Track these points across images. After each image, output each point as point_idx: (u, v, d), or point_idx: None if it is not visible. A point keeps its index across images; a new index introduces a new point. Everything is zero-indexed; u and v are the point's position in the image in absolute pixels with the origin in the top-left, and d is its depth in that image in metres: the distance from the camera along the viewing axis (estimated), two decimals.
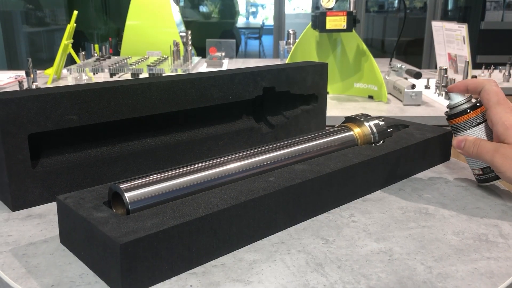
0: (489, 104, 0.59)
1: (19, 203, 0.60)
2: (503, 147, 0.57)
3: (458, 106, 0.63)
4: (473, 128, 0.62)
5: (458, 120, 0.63)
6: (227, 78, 0.74)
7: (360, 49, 1.56)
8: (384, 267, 0.48)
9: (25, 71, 1.54)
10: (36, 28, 4.17)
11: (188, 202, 0.50)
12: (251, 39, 6.09)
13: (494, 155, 0.58)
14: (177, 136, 0.73)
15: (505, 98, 0.59)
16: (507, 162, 0.57)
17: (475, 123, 0.62)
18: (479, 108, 0.62)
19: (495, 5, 3.98)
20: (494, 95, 0.59)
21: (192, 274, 0.47)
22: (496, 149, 0.58)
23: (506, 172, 0.57)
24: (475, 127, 0.62)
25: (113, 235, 0.43)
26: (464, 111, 0.62)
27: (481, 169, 0.63)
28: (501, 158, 0.57)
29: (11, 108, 0.57)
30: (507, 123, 0.57)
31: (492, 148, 0.58)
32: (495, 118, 0.58)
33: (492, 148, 0.58)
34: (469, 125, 0.62)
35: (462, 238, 0.53)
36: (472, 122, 0.62)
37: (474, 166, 0.64)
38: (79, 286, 0.44)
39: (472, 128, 0.62)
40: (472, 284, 0.45)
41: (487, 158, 0.59)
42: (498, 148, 0.57)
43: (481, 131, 0.62)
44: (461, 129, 0.63)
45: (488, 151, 0.58)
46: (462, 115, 0.62)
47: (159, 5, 2.22)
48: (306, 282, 0.45)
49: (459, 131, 0.63)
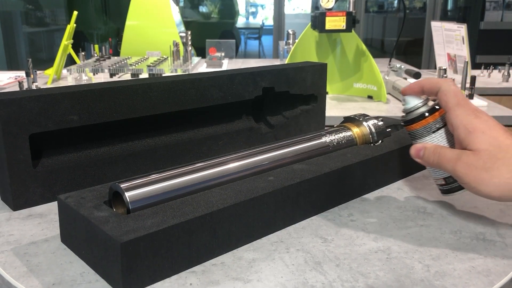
0: (448, 106, 0.53)
1: (20, 203, 0.61)
2: (465, 154, 0.50)
3: (414, 111, 0.56)
4: (432, 134, 0.55)
5: (415, 126, 0.56)
6: (227, 78, 0.74)
7: (359, 49, 1.56)
8: (382, 266, 0.48)
9: (25, 72, 1.54)
10: (36, 29, 4.18)
11: (188, 202, 0.50)
12: (250, 39, 6.09)
13: (456, 164, 0.51)
14: (177, 136, 0.73)
15: (465, 98, 0.53)
16: (471, 172, 0.49)
17: (434, 128, 0.55)
18: (437, 112, 0.55)
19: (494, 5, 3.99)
20: (453, 96, 0.53)
21: (192, 272, 0.47)
22: (458, 157, 0.51)
23: (470, 182, 0.50)
24: (434, 133, 0.55)
25: (114, 234, 0.43)
26: (421, 116, 0.55)
27: (443, 178, 0.56)
28: (464, 167, 0.50)
29: (12, 109, 0.57)
30: (469, 126, 0.51)
31: (454, 156, 0.51)
32: (456, 121, 0.52)
33: (454, 156, 0.51)
34: (428, 131, 0.55)
35: (459, 237, 0.54)
36: (431, 128, 0.55)
37: (436, 176, 0.57)
38: (80, 284, 0.45)
39: (431, 134, 0.55)
40: (469, 282, 0.45)
41: (449, 168, 0.52)
42: (461, 156, 0.51)
43: (441, 137, 0.55)
44: (419, 136, 0.56)
45: (449, 159, 0.51)
46: (419, 120, 0.56)
47: (159, 5, 2.22)
48: (305, 280, 0.46)
49: (417, 138, 0.57)
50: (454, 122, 0.52)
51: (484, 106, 1.49)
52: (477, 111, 0.52)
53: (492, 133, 0.50)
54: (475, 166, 0.49)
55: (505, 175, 0.48)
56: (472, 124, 0.50)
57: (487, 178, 0.49)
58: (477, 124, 0.50)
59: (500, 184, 0.48)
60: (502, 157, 0.48)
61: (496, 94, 1.85)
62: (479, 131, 0.50)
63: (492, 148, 0.49)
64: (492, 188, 0.49)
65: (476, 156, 0.49)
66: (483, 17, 3.98)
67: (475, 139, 0.50)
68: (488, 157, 0.49)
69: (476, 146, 0.50)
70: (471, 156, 0.50)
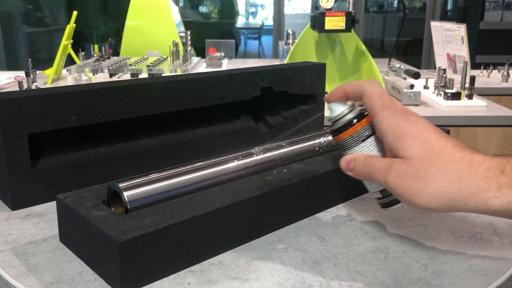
0: (374, 110, 0.47)
1: (19, 202, 0.61)
2: (396, 163, 0.45)
3: (340, 119, 0.50)
4: (362, 143, 0.49)
5: (343, 136, 0.50)
6: (226, 78, 0.74)
7: (359, 49, 1.56)
8: (380, 265, 0.48)
9: (24, 72, 1.54)
10: (36, 29, 4.17)
11: (186, 201, 0.50)
12: (250, 39, 6.09)
13: (387, 174, 0.45)
14: (176, 136, 0.73)
15: (392, 99, 0.47)
16: (404, 182, 0.44)
17: (363, 136, 0.49)
18: (365, 118, 0.49)
19: (494, 5, 3.99)
20: (378, 98, 0.47)
21: (190, 272, 0.47)
22: (389, 167, 0.45)
23: (405, 194, 0.44)
24: (364, 142, 0.49)
25: (112, 234, 0.43)
26: (348, 124, 0.49)
27: (379, 191, 0.50)
28: (395, 177, 0.44)
29: (11, 108, 0.57)
30: (398, 131, 0.45)
31: (384, 166, 0.45)
32: (383, 126, 0.46)
33: (384, 166, 0.45)
34: (357, 140, 0.49)
35: (457, 237, 0.54)
36: (360, 136, 0.49)
37: (372, 189, 0.51)
38: (78, 283, 0.45)
39: (360, 143, 0.49)
40: (466, 281, 0.46)
41: (380, 179, 0.46)
42: (391, 165, 0.45)
43: (372, 145, 0.49)
44: (348, 147, 0.50)
45: (380, 170, 0.46)
46: (346, 128, 0.49)
47: (158, 5, 2.22)
48: (302, 279, 0.46)
49: (347, 149, 0.50)
50: (381, 127, 0.46)
51: (484, 106, 1.49)
52: (405, 113, 0.46)
53: (424, 136, 0.44)
54: (408, 175, 0.43)
55: (441, 183, 0.42)
56: (401, 128, 0.45)
57: (422, 188, 0.43)
58: (406, 127, 0.45)
59: (436, 194, 0.42)
60: (435, 162, 0.43)
61: (496, 94, 1.85)
62: (409, 136, 0.44)
63: (425, 154, 0.43)
64: (429, 199, 0.43)
65: (407, 164, 0.44)
66: (482, 17, 3.98)
67: (406, 145, 0.44)
68: (421, 164, 0.43)
69: (407, 153, 0.44)
70: (402, 164, 0.44)
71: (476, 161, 0.42)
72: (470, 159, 0.43)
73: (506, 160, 0.42)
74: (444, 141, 0.44)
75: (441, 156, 0.43)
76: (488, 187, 0.41)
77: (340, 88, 0.50)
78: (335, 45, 1.61)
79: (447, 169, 0.42)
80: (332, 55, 1.62)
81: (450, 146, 0.43)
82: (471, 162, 0.42)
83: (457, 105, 1.48)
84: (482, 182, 0.42)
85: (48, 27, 4.22)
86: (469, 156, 0.43)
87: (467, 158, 0.43)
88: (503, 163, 0.42)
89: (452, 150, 0.43)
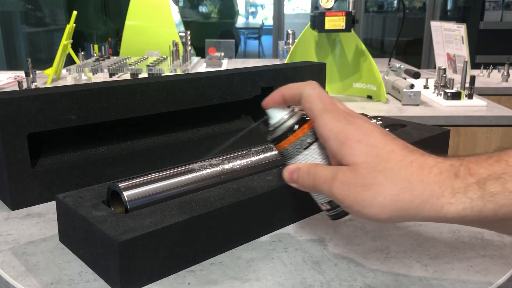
0: (313, 114, 0.43)
1: (19, 202, 0.61)
2: (341, 171, 0.41)
3: (279, 126, 0.45)
4: (305, 151, 0.45)
5: (284, 144, 0.45)
6: (226, 78, 0.74)
7: (359, 49, 1.56)
8: (381, 265, 0.48)
9: (24, 71, 1.54)
10: (36, 28, 4.18)
11: (186, 201, 0.50)
12: (250, 39, 6.09)
13: (332, 184, 0.41)
14: (175, 135, 0.73)
15: (333, 101, 0.43)
16: (350, 192, 0.40)
17: (305, 144, 0.45)
18: (307, 123, 0.45)
19: (494, 5, 3.99)
20: (317, 100, 0.43)
21: (190, 272, 0.47)
22: (334, 176, 0.41)
23: (352, 205, 0.40)
24: (306, 150, 0.45)
25: (112, 234, 0.43)
26: (289, 131, 0.45)
27: (327, 203, 0.46)
28: (341, 187, 0.40)
29: (10, 108, 0.57)
30: (341, 136, 0.41)
31: (329, 175, 0.41)
32: (325, 131, 0.42)
33: (329, 175, 0.41)
34: (298, 148, 0.45)
35: (458, 237, 0.54)
36: (302, 144, 0.45)
37: (319, 200, 0.46)
38: (78, 284, 0.45)
39: (303, 151, 0.45)
40: (467, 281, 0.45)
41: (326, 190, 0.42)
42: (336, 173, 0.41)
43: (316, 153, 0.45)
44: (290, 156, 0.46)
45: (325, 180, 0.42)
46: (286, 136, 0.45)
47: (158, 5, 2.22)
48: (303, 279, 0.46)
49: (289, 159, 0.46)
50: (323, 133, 0.42)
51: (484, 106, 1.49)
52: (349, 115, 0.42)
53: (369, 141, 0.40)
54: (354, 184, 0.40)
55: (391, 191, 0.39)
56: (344, 133, 0.41)
57: (370, 197, 0.39)
58: (349, 131, 0.41)
59: (386, 204, 0.39)
60: (383, 168, 0.39)
61: (496, 94, 1.85)
62: (353, 140, 0.40)
63: (371, 159, 0.39)
64: (378, 210, 0.39)
65: (353, 171, 0.40)
66: (482, 17, 3.99)
67: (350, 151, 0.40)
68: (367, 171, 0.39)
69: (352, 159, 0.40)
70: (347, 172, 0.40)
71: (427, 164, 0.39)
72: (421, 162, 0.39)
73: (459, 161, 0.39)
74: (391, 144, 0.40)
75: (389, 161, 0.39)
76: (442, 192, 0.37)
77: (278, 92, 0.46)
78: (335, 45, 1.61)
79: (396, 175, 0.39)
80: (332, 55, 1.62)
81: (398, 150, 0.40)
82: (422, 166, 0.39)
83: (457, 105, 1.48)
84: (435, 188, 0.38)
85: (48, 27, 4.22)
86: (420, 159, 0.39)
87: (417, 161, 0.39)
88: (457, 165, 0.38)
89: (400, 154, 0.40)
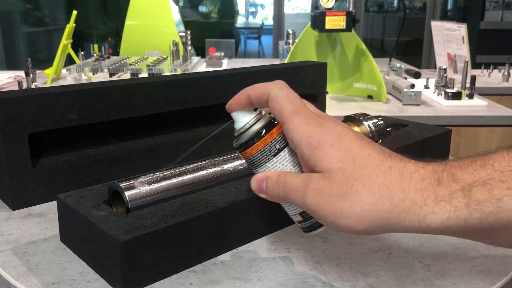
0: (282, 117, 0.39)
1: (20, 202, 0.60)
2: (314, 179, 0.38)
3: (245, 131, 0.42)
4: (274, 158, 0.41)
5: (251, 151, 0.42)
6: (227, 77, 0.74)
7: (359, 49, 1.56)
8: (383, 265, 0.48)
9: (24, 71, 1.54)
10: (35, 28, 4.17)
11: (188, 201, 0.50)
12: (250, 39, 6.09)
13: (304, 194, 0.38)
14: (176, 135, 0.73)
15: (302, 103, 0.40)
16: (325, 202, 0.37)
17: (274, 150, 0.41)
18: (275, 127, 0.41)
19: (494, 5, 3.99)
20: (286, 101, 0.39)
21: (192, 272, 0.47)
22: (305, 185, 0.38)
23: (327, 216, 0.37)
24: (276, 157, 0.41)
25: (113, 234, 0.43)
26: (256, 136, 0.41)
27: (299, 214, 0.43)
28: (314, 196, 0.37)
29: (11, 108, 0.57)
30: (313, 140, 0.38)
31: (301, 184, 0.38)
32: (295, 135, 0.38)
33: (301, 184, 0.38)
34: (267, 155, 0.41)
35: None
36: (270, 150, 0.41)
37: (290, 212, 0.43)
38: (79, 284, 0.45)
39: (271, 158, 0.41)
40: (470, 281, 0.45)
41: (297, 200, 0.39)
42: (308, 182, 0.38)
43: (286, 160, 0.42)
44: (258, 164, 0.42)
45: (296, 189, 0.39)
46: (253, 142, 0.41)
47: (158, 5, 2.22)
48: (305, 279, 0.45)
49: (257, 167, 0.43)
50: (293, 137, 0.39)
51: (484, 106, 1.49)
52: (320, 118, 0.39)
53: (343, 145, 0.37)
54: (328, 193, 0.37)
55: (368, 201, 0.36)
56: (315, 137, 0.38)
57: (347, 207, 0.36)
58: (321, 135, 0.38)
59: (364, 214, 0.36)
60: (359, 176, 0.36)
61: (496, 94, 1.85)
62: (326, 145, 0.37)
63: (346, 166, 0.37)
64: (355, 221, 0.36)
65: (327, 179, 0.37)
66: (483, 17, 3.99)
67: (323, 156, 0.37)
68: (343, 179, 0.37)
69: (325, 166, 0.37)
70: (321, 180, 0.37)
71: (407, 170, 0.36)
72: (400, 168, 0.36)
73: (441, 167, 0.36)
74: (367, 148, 0.38)
75: (366, 168, 0.37)
76: (424, 201, 0.35)
77: (243, 93, 0.42)
78: (336, 44, 1.61)
79: (374, 183, 0.36)
80: (333, 54, 1.62)
81: (375, 154, 0.37)
82: (402, 172, 0.36)
83: (457, 105, 1.48)
84: (417, 196, 0.35)
85: (47, 26, 4.22)
86: (399, 165, 0.37)
87: (397, 167, 0.37)
88: (439, 170, 0.36)
89: (378, 159, 0.37)
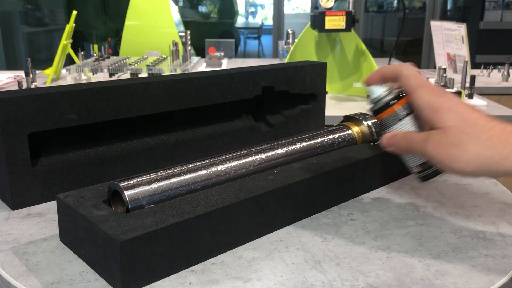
0: (410, 89, 0.52)
1: (19, 202, 0.60)
2: (434, 133, 0.49)
3: (380, 100, 0.55)
4: (400, 121, 0.54)
5: (383, 115, 0.55)
6: (226, 77, 0.74)
7: (359, 48, 1.56)
8: (382, 265, 0.48)
9: (24, 71, 1.54)
10: (35, 28, 4.17)
11: (187, 200, 0.50)
12: (250, 39, 6.09)
13: (426, 144, 0.50)
14: (176, 135, 0.73)
15: (425, 79, 0.53)
16: (441, 150, 0.48)
17: (401, 115, 0.54)
18: (403, 98, 0.55)
19: (494, 5, 3.98)
20: (414, 78, 0.52)
21: (192, 271, 0.47)
22: (427, 138, 0.50)
23: (443, 160, 0.49)
24: (402, 120, 0.54)
25: (113, 233, 0.43)
26: (388, 104, 0.55)
27: (419, 165, 0.55)
28: (434, 146, 0.49)
29: (11, 108, 0.57)
30: (434, 106, 0.50)
31: (422, 137, 0.50)
32: (421, 102, 0.51)
33: (422, 137, 0.50)
34: (395, 118, 0.54)
35: (459, 236, 0.54)
36: (398, 115, 0.54)
37: (411, 164, 0.56)
38: (79, 283, 0.45)
39: (398, 122, 0.54)
40: (469, 281, 0.45)
41: (419, 150, 0.51)
42: (429, 136, 0.50)
43: (409, 124, 0.54)
44: (388, 125, 0.55)
45: (419, 142, 0.51)
46: (386, 108, 0.55)
47: (158, 5, 2.21)
48: (304, 279, 0.45)
49: (387, 128, 0.55)
50: (419, 104, 0.51)
51: (484, 106, 1.49)
52: (439, 91, 0.51)
53: (458, 109, 0.49)
54: (445, 143, 0.48)
55: (474, 149, 0.47)
56: (436, 103, 0.50)
57: (458, 154, 0.48)
58: (441, 102, 0.50)
59: (470, 160, 0.47)
60: (469, 131, 0.48)
61: (496, 93, 1.85)
62: (445, 109, 0.49)
63: (459, 124, 0.48)
64: (464, 165, 0.48)
65: (444, 133, 0.49)
66: (482, 16, 3.98)
67: (442, 117, 0.49)
68: (456, 133, 0.48)
69: (443, 124, 0.49)
70: (440, 134, 0.49)
71: (507, 129, 0.47)
72: (502, 127, 0.47)
73: None
74: (476, 113, 0.49)
75: (475, 126, 0.48)
76: None
77: (377, 72, 0.55)
78: (335, 44, 1.61)
79: (480, 137, 0.47)
80: (332, 54, 1.62)
81: (482, 118, 0.48)
82: (503, 130, 0.47)
83: None
84: None
85: (47, 27, 4.22)
86: (500, 125, 0.47)
87: (499, 126, 0.47)
88: None
89: (484, 120, 0.48)
